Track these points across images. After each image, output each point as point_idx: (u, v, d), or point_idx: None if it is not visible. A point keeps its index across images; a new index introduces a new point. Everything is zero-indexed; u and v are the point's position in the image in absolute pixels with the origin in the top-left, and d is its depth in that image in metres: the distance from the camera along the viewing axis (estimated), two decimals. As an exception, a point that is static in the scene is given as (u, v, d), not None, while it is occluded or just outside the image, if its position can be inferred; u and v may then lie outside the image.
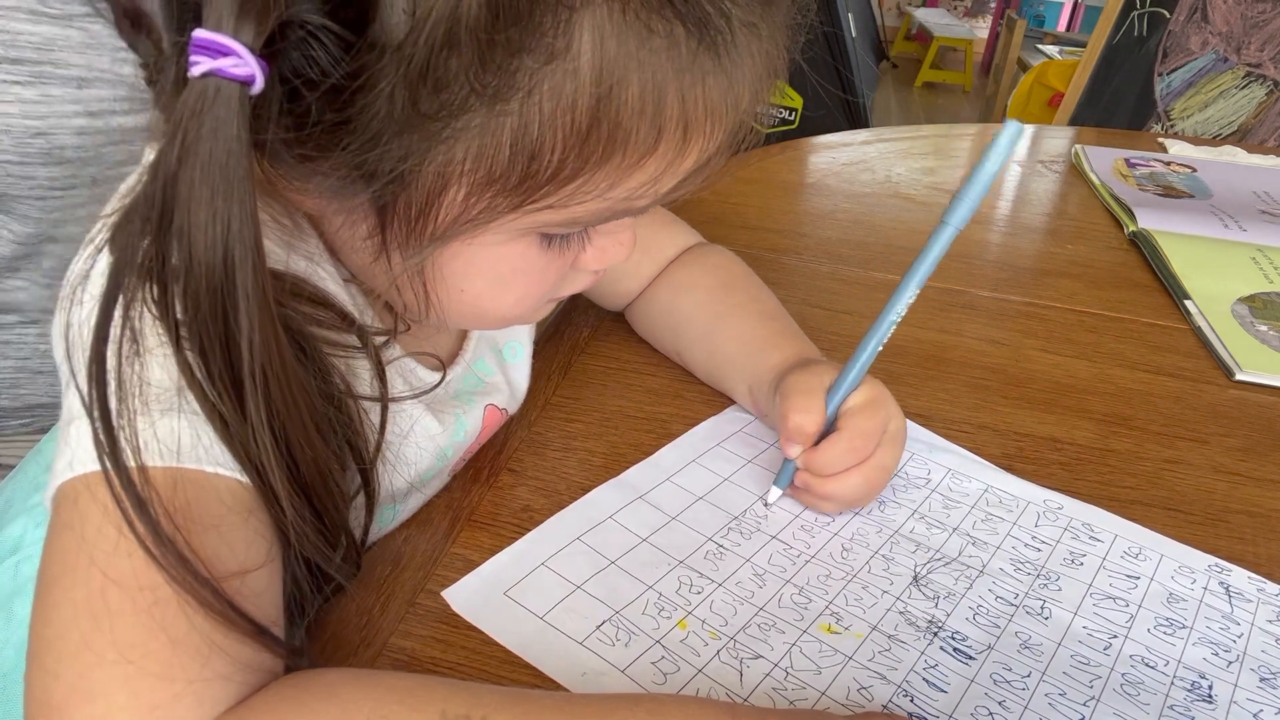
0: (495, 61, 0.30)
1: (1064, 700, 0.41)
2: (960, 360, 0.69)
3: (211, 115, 0.28)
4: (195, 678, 0.31)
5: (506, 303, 0.42)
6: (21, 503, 0.49)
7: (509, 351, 0.56)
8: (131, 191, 0.30)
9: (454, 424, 0.50)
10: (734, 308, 0.61)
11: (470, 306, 0.41)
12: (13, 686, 0.44)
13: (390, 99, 0.31)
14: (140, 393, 0.31)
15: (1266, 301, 0.80)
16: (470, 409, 0.51)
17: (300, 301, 0.38)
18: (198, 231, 0.28)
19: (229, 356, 0.30)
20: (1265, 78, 1.63)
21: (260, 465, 0.33)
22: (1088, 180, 1.11)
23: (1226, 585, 0.48)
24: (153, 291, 0.30)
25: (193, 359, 0.31)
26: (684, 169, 0.37)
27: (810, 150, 1.19)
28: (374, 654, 0.41)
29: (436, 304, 0.41)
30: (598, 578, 0.45)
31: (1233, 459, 0.59)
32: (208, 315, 0.30)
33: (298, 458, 0.34)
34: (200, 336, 0.30)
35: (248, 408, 0.31)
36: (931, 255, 0.47)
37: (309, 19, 0.30)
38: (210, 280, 0.29)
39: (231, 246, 0.29)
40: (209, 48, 0.28)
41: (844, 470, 0.49)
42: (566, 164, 0.34)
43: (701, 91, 0.34)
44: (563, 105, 0.32)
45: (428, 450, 0.48)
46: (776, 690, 0.40)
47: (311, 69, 0.31)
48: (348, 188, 0.35)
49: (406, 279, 0.39)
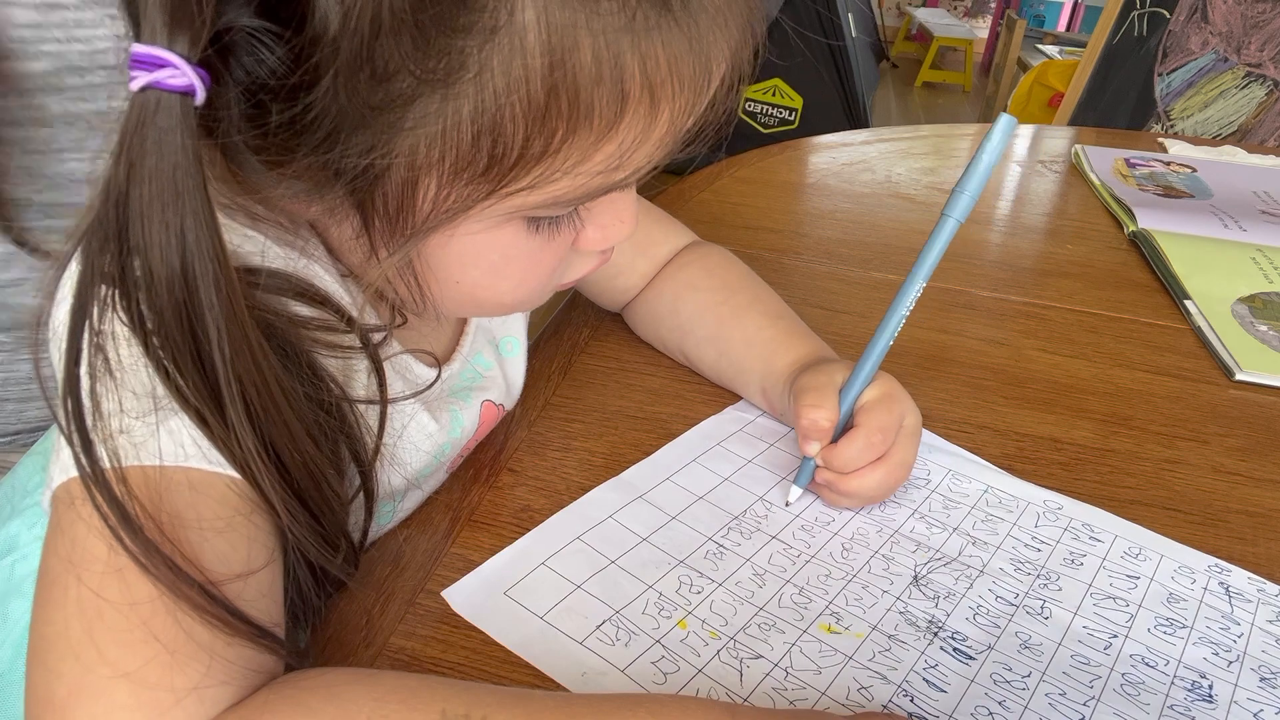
0: (432, 44, 0.30)
1: (1064, 700, 0.41)
2: (960, 360, 0.69)
3: (154, 128, 0.28)
4: (196, 680, 0.31)
5: (503, 289, 0.41)
6: (16, 503, 0.49)
7: (505, 346, 0.56)
8: (86, 212, 0.29)
9: (450, 421, 0.50)
10: (741, 308, 0.61)
11: (467, 296, 0.41)
12: (10, 687, 0.44)
13: (335, 94, 0.30)
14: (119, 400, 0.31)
15: (1266, 301, 0.80)
16: (467, 406, 0.51)
17: (299, 300, 0.38)
18: (153, 247, 0.28)
19: (201, 366, 0.30)
20: (1265, 78, 1.63)
21: (248, 468, 0.32)
22: (1088, 180, 1.11)
23: (1226, 585, 0.48)
24: (122, 303, 0.30)
25: (169, 367, 0.30)
26: (659, 136, 0.36)
27: (810, 150, 1.19)
28: (374, 654, 0.41)
29: (432, 297, 0.41)
30: (598, 577, 0.45)
31: (1232, 459, 0.59)
32: (173, 326, 0.29)
33: (286, 462, 0.34)
34: (171, 347, 0.30)
35: (227, 414, 0.31)
36: (935, 248, 0.48)
37: (245, 22, 0.29)
38: (172, 293, 0.29)
39: (189, 259, 0.29)
40: (146, 61, 0.27)
41: (864, 466, 0.49)
42: (532, 142, 0.33)
43: (661, 51, 0.33)
44: (514, 80, 0.31)
45: (424, 448, 0.48)
46: (776, 690, 0.40)
47: (263, 71, 0.30)
48: (321, 189, 0.35)
49: (399, 274, 0.39)
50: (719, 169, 1.07)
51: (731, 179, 1.04)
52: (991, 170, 0.46)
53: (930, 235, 0.48)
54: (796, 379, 0.53)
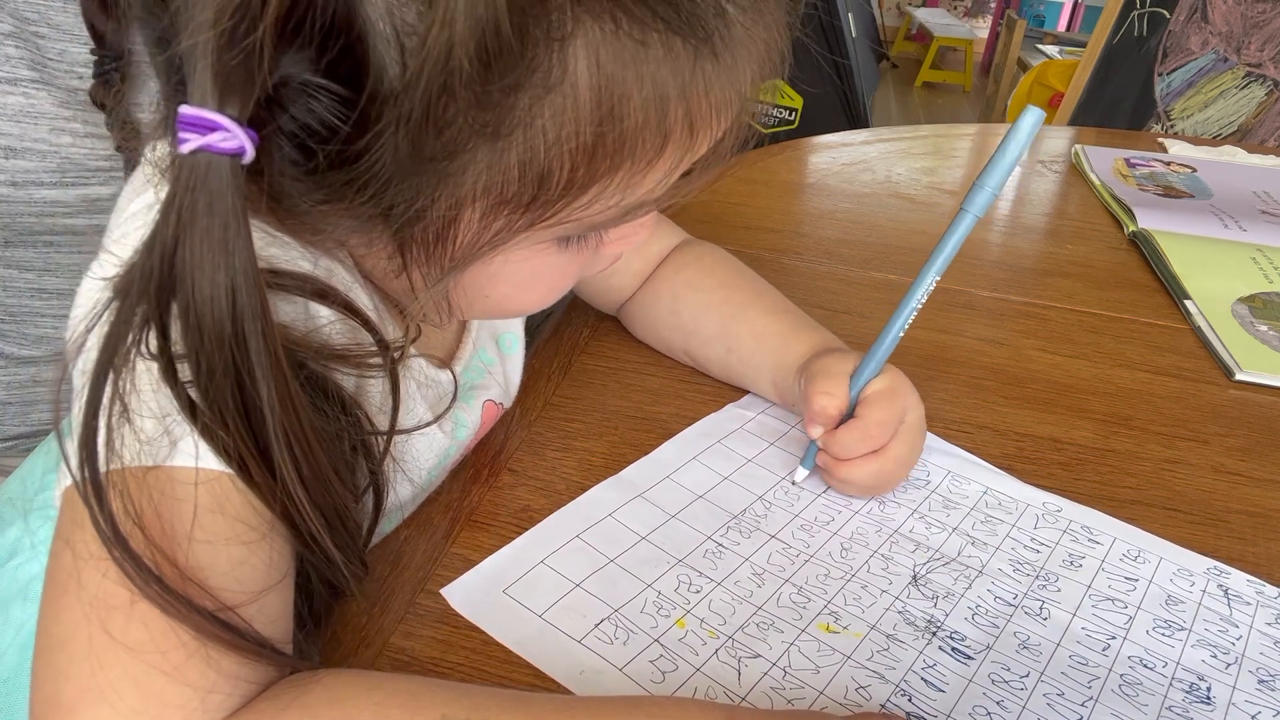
0: (492, 101, 0.30)
1: (1062, 701, 0.41)
2: (960, 360, 0.69)
3: (205, 190, 0.28)
4: (201, 686, 0.31)
5: (528, 301, 0.43)
6: (21, 506, 0.49)
7: (505, 343, 0.56)
8: (127, 264, 0.29)
9: (454, 424, 0.50)
10: (743, 305, 0.62)
11: (494, 308, 0.43)
12: (15, 692, 0.44)
13: (395, 147, 0.31)
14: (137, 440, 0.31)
15: (1266, 301, 0.80)
16: (469, 407, 0.51)
17: (327, 303, 0.37)
18: (204, 305, 0.28)
19: (249, 422, 0.30)
20: (1265, 78, 1.63)
21: (290, 518, 0.33)
22: (1088, 180, 1.11)
23: (1225, 588, 0.48)
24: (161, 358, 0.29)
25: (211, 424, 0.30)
26: (692, 159, 0.37)
27: (810, 150, 1.19)
28: (374, 654, 0.41)
29: (459, 311, 0.42)
30: (597, 576, 0.45)
31: (1233, 459, 0.59)
32: (222, 385, 0.29)
33: (319, 502, 0.34)
34: (218, 403, 0.30)
35: (278, 470, 0.31)
36: (952, 242, 0.49)
37: (306, 78, 0.30)
38: (221, 351, 0.29)
39: (241, 315, 0.29)
40: (196, 124, 0.27)
41: (859, 457, 0.51)
42: (576, 178, 0.34)
43: (704, 91, 0.34)
44: (567, 130, 0.32)
45: (430, 453, 0.48)
46: (774, 689, 0.40)
47: (313, 121, 0.31)
48: (365, 225, 0.35)
49: (428, 292, 0.39)
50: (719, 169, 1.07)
51: (731, 179, 1.04)
52: (1015, 166, 0.45)
53: (946, 229, 0.48)
54: (808, 366, 0.54)
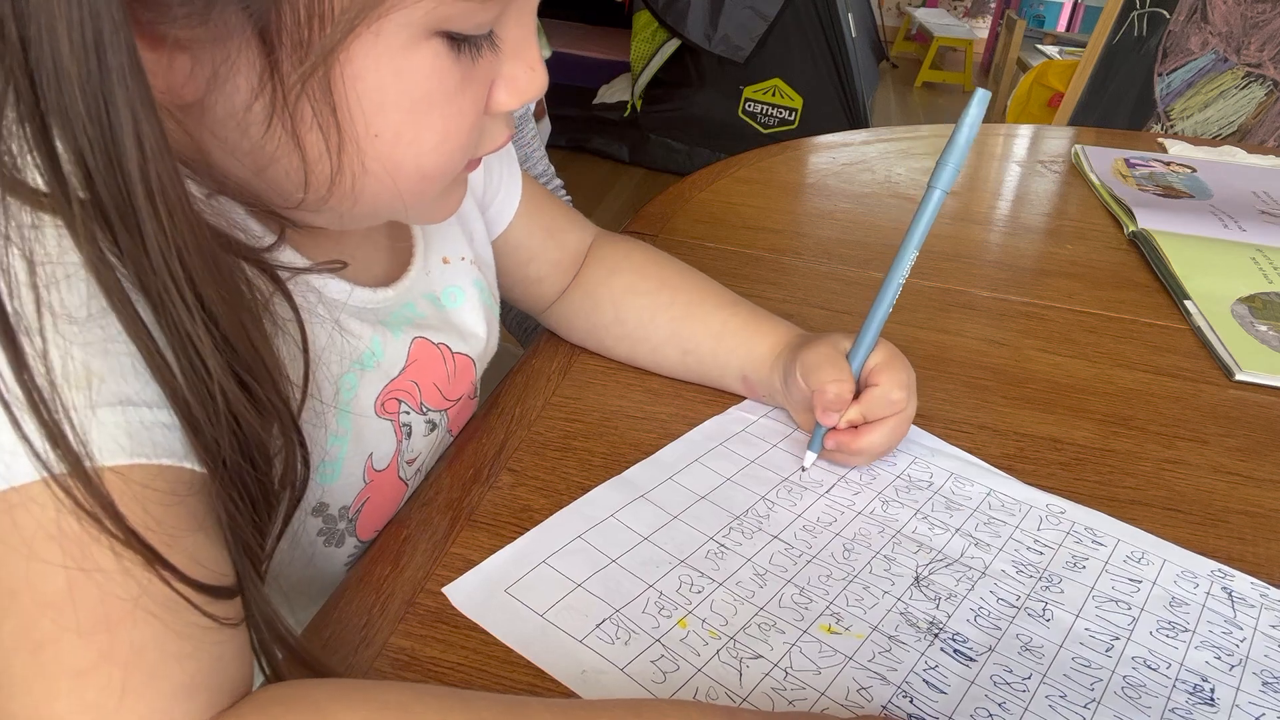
0: None
1: (1064, 702, 0.41)
2: (960, 360, 0.69)
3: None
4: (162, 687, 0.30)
5: (427, 145, 0.38)
6: None
7: (447, 297, 0.53)
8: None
9: (366, 350, 0.46)
10: (691, 305, 0.62)
11: (387, 156, 0.37)
12: None
13: None
14: (67, 375, 0.29)
15: (1266, 301, 0.80)
16: (393, 338, 0.48)
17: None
18: (60, 40, 0.26)
19: (120, 184, 0.28)
20: (1265, 78, 1.63)
21: (163, 298, 0.30)
22: (1087, 180, 1.11)
23: (1229, 590, 0.48)
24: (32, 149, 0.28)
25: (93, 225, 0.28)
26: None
27: (810, 150, 1.19)
28: (373, 654, 0.40)
29: (349, 160, 0.37)
30: (598, 576, 0.45)
31: (1233, 459, 0.59)
32: (91, 140, 0.28)
33: (231, 337, 0.32)
34: (87, 170, 0.28)
35: (149, 243, 0.29)
36: (925, 218, 0.52)
37: None
38: (91, 112, 0.27)
39: (108, 69, 0.27)
40: None
41: (872, 423, 0.53)
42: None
43: None
44: None
45: (338, 363, 0.44)
46: (776, 690, 0.40)
47: None
48: (221, 14, 0.32)
49: (308, 127, 0.35)
50: (719, 169, 1.07)
51: (731, 179, 1.04)
52: (971, 142, 0.49)
53: (919, 206, 0.52)
54: (798, 358, 0.55)
